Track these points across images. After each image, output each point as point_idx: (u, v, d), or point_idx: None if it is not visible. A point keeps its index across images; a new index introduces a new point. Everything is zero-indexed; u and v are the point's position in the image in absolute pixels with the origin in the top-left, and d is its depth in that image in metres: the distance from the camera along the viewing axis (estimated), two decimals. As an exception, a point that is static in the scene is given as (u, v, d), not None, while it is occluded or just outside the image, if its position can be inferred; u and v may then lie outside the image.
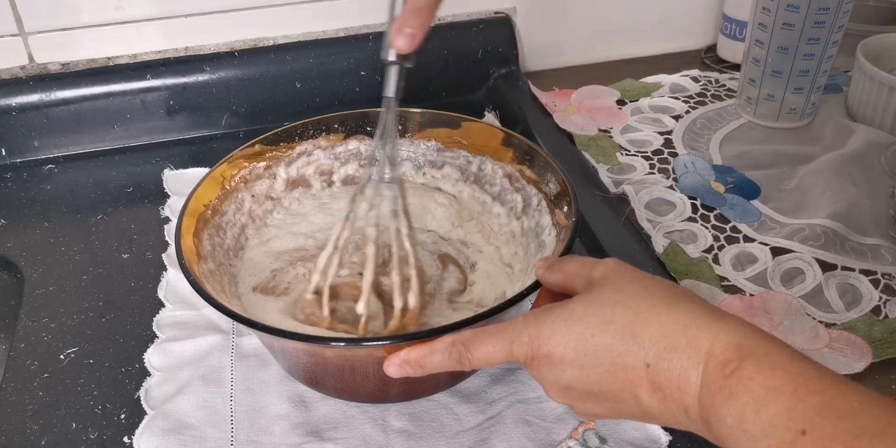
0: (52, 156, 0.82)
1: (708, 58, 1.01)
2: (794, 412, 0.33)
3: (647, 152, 0.82)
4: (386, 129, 0.54)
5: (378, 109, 0.67)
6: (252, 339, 0.59)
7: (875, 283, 0.64)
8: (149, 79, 0.82)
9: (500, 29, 0.92)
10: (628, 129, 0.86)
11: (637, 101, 0.92)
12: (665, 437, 0.51)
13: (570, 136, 0.84)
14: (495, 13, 0.93)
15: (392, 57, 0.50)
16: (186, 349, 0.59)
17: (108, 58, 0.84)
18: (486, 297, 0.58)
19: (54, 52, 0.82)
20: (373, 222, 0.53)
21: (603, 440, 0.51)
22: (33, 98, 0.80)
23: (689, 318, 0.38)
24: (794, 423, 0.33)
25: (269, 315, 0.54)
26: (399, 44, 0.48)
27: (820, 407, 0.33)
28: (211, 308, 0.48)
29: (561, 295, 0.45)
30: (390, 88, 0.52)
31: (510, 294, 0.50)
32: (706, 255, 0.68)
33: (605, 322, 0.39)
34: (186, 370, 0.57)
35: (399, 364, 0.45)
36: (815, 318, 0.61)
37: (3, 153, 0.81)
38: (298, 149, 0.66)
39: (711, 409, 0.36)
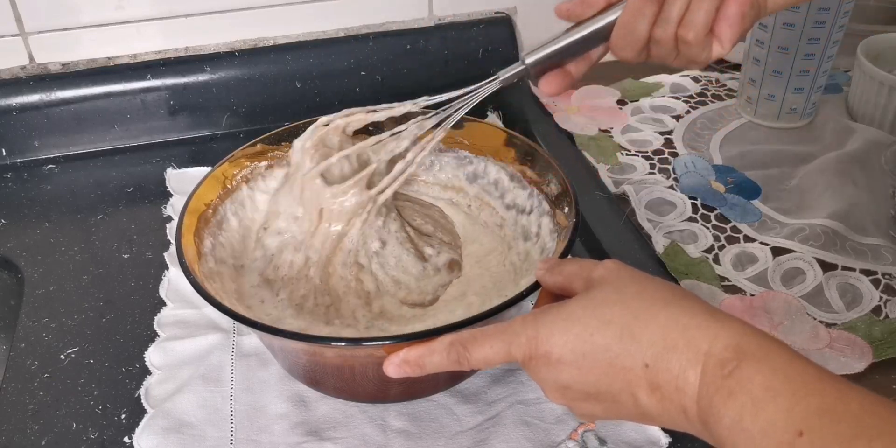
0: (52, 156, 0.82)
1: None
2: (792, 413, 0.33)
3: (647, 152, 0.82)
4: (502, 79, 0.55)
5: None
6: (252, 339, 0.59)
7: (875, 282, 0.64)
8: (149, 79, 0.82)
9: (500, 29, 0.92)
10: (629, 129, 0.86)
11: (637, 100, 0.92)
12: (665, 439, 0.51)
13: (570, 136, 0.84)
14: (495, 13, 0.93)
15: (529, 61, 0.53)
16: (187, 348, 0.59)
17: (109, 58, 0.84)
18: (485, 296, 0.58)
19: (54, 52, 0.82)
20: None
21: (602, 441, 0.51)
22: (33, 98, 0.80)
23: (687, 318, 0.38)
24: (792, 424, 0.33)
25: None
26: (545, 91, 0.53)
27: (819, 408, 0.33)
28: (212, 307, 0.48)
29: (561, 296, 0.45)
30: (504, 74, 0.55)
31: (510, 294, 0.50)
32: (706, 255, 0.68)
33: (603, 322, 0.39)
34: (187, 369, 0.57)
35: (398, 364, 0.45)
36: (815, 318, 0.61)
37: (3, 153, 0.81)
38: (299, 148, 0.66)
39: (710, 410, 0.36)
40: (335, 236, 0.56)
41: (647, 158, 0.81)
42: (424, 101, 0.57)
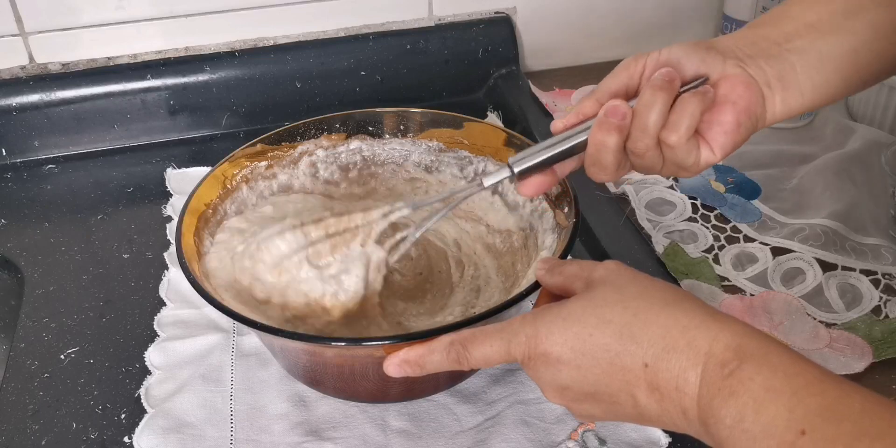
0: (52, 156, 0.82)
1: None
2: (794, 413, 0.33)
3: (647, 152, 0.82)
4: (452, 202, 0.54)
5: (377, 109, 0.67)
6: (252, 339, 0.59)
7: (875, 282, 0.64)
8: (149, 79, 0.82)
9: (500, 29, 0.92)
10: (628, 129, 0.86)
11: (637, 100, 0.91)
12: (665, 439, 0.51)
13: (570, 136, 0.84)
14: (495, 13, 0.93)
15: (517, 170, 0.50)
16: (187, 348, 0.59)
17: (109, 58, 0.84)
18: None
19: (54, 52, 0.82)
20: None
21: (602, 441, 0.51)
22: (33, 98, 0.80)
23: (687, 319, 0.38)
24: (794, 424, 0.33)
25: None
26: (524, 193, 0.51)
27: (820, 408, 0.33)
28: (212, 307, 0.48)
29: (561, 297, 0.45)
30: (489, 181, 0.51)
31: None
32: (706, 254, 0.68)
33: (603, 322, 0.39)
34: (187, 369, 0.57)
35: (398, 363, 0.45)
36: (815, 318, 0.61)
37: (3, 153, 0.81)
38: (300, 148, 0.66)
39: (710, 410, 0.36)
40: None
41: (647, 158, 0.81)
42: (408, 208, 0.56)
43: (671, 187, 0.76)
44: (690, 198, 0.75)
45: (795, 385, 0.34)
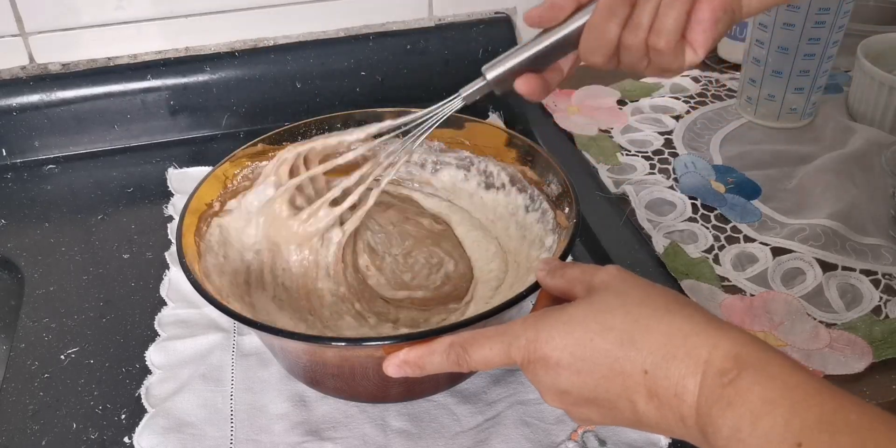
0: (52, 156, 0.82)
1: (708, 58, 1.01)
2: (791, 425, 0.33)
3: (647, 152, 0.82)
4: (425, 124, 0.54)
5: (377, 109, 0.67)
6: (253, 338, 0.59)
7: (875, 283, 0.64)
8: (149, 79, 0.82)
9: (500, 29, 0.92)
10: (628, 129, 0.86)
11: (637, 101, 0.92)
12: (664, 440, 0.51)
13: (570, 136, 0.84)
14: (495, 13, 0.93)
15: (490, 77, 0.50)
16: (187, 347, 0.59)
17: (109, 58, 0.84)
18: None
19: (55, 53, 0.82)
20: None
21: (602, 442, 0.51)
22: (34, 98, 0.80)
23: (688, 326, 0.38)
24: (791, 436, 0.33)
25: None
26: (522, 90, 0.49)
27: (817, 420, 0.33)
28: (212, 307, 0.48)
29: (560, 298, 0.45)
30: (467, 91, 0.52)
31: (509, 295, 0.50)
32: (707, 255, 0.68)
33: (604, 327, 0.39)
34: (187, 369, 0.57)
35: (398, 364, 0.45)
36: (815, 318, 0.61)
37: (4, 153, 0.81)
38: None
39: (708, 419, 0.35)
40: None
41: (647, 158, 0.81)
42: (388, 124, 0.56)
43: (671, 187, 0.76)
44: (690, 198, 0.75)
45: (793, 396, 0.34)
